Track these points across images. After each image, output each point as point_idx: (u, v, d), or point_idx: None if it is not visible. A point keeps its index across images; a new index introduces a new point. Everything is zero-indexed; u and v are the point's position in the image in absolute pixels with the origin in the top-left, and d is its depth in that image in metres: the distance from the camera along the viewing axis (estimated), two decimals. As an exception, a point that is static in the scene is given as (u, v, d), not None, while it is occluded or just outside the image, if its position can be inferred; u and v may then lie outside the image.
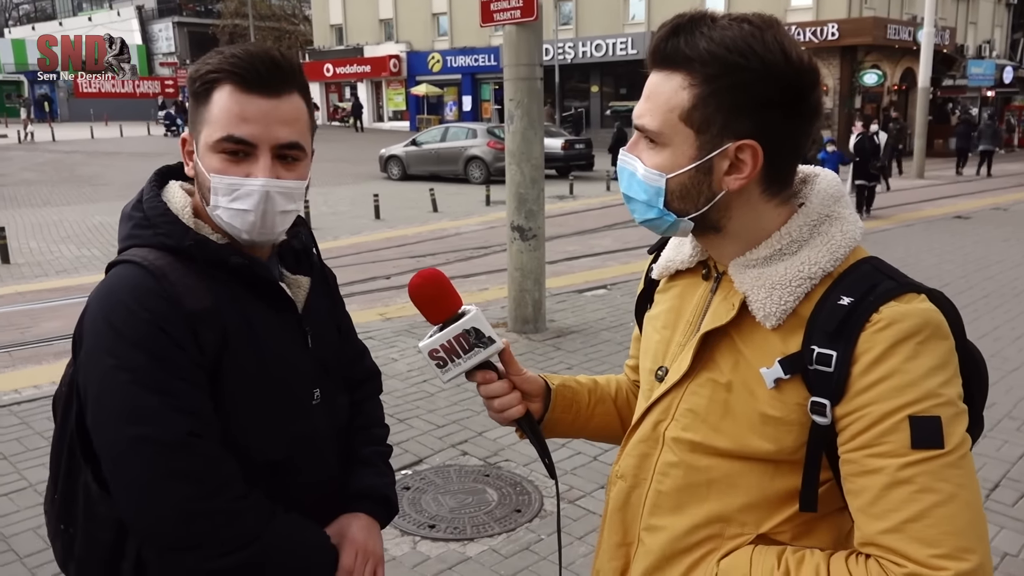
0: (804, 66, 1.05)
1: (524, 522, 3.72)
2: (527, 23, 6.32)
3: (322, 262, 1.53)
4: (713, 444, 1.13)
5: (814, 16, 28.53)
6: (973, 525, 0.96)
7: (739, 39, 1.03)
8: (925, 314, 1.01)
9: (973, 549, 0.94)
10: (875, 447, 0.98)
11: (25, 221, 13.89)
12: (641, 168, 1.12)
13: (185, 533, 1.21)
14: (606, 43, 32.64)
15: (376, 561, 1.44)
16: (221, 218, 1.28)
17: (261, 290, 1.33)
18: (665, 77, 1.08)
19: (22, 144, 31.82)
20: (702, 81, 1.05)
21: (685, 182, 1.09)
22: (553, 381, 1.40)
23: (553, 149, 19.89)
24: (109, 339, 1.21)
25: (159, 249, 1.27)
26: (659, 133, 1.09)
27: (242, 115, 1.24)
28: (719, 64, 1.03)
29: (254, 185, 1.25)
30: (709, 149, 1.07)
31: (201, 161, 1.28)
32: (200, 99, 1.28)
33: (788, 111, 1.06)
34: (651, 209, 1.13)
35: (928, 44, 20.08)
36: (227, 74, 1.25)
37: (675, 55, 1.06)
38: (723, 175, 1.08)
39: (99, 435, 1.22)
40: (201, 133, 1.28)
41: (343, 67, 41.94)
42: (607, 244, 11.16)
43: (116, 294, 1.24)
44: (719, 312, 1.15)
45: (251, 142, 1.25)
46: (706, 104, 1.05)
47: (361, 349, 1.66)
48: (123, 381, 1.19)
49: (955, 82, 33.20)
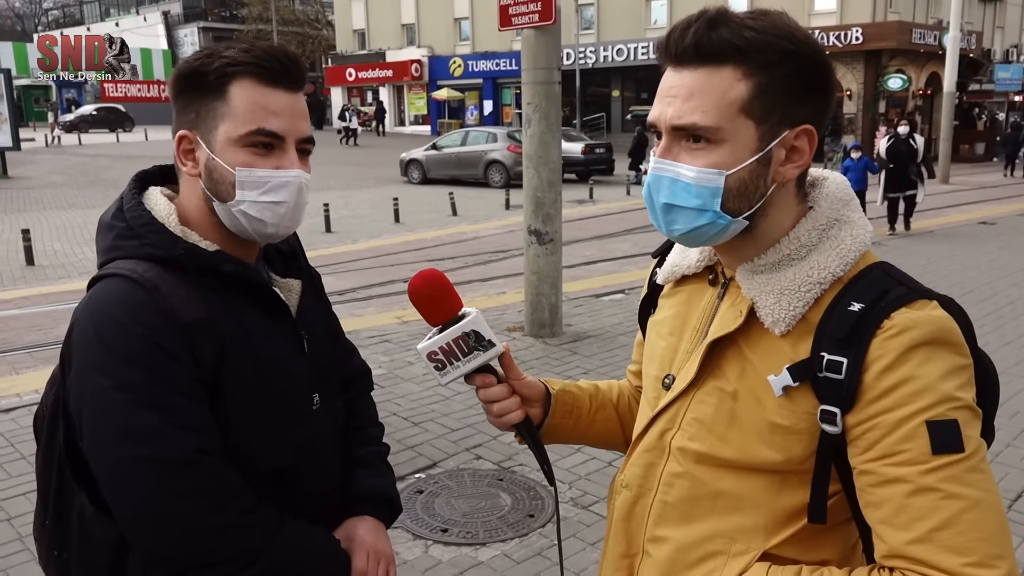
0: (825, 51, 1.06)
1: (537, 527, 3.70)
2: (545, 27, 6.31)
3: (309, 264, 1.50)
4: (719, 455, 1.10)
5: (838, 20, 28.30)
6: (1001, 530, 0.93)
7: (780, 26, 1.03)
8: (937, 321, 0.98)
9: (1003, 555, 0.91)
10: (894, 456, 0.95)
11: (50, 223, 14.07)
12: (691, 171, 1.05)
13: (196, 552, 1.17)
14: (628, 47, 32.60)
15: (388, 561, 1.42)
16: (246, 213, 1.24)
17: (255, 296, 1.30)
18: (709, 72, 1.03)
19: (49, 147, 32.31)
20: (760, 69, 1.02)
21: (745, 177, 1.05)
22: (554, 386, 1.37)
23: (573, 153, 19.88)
24: (102, 357, 1.16)
25: (146, 260, 1.22)
26: (716, 129, 1.03)
27: (270, 108, 1.23)
28: (775, 52, 1.02)
29: (288, 177, 1.25)
30: (770, 138, 1.05)
31: (220, 157, 1.23)
32: (212, 93, 1.23)
33: (829, 94, 1.07)
34: (703, 215, 1.06)
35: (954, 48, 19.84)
36: (249, 67, 1.22)
37: (724, 47, 1.02)
38: (779, 165, 1.06)
39: (98, 457, 1.17)
40: (217, 128, 1.23)
41: (365, 72, 42.20)
42: (626, 249, 11.13)
43: (105, 309, 1.19)
44: (727, 319, 1.12)
45: (281, 135, 1.24)
46: (767, 93, 1.03)
47: (350, 348, 1.64)
48: (120, 401, 1.14)
49: (981, 87, 32.77)
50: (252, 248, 1.35)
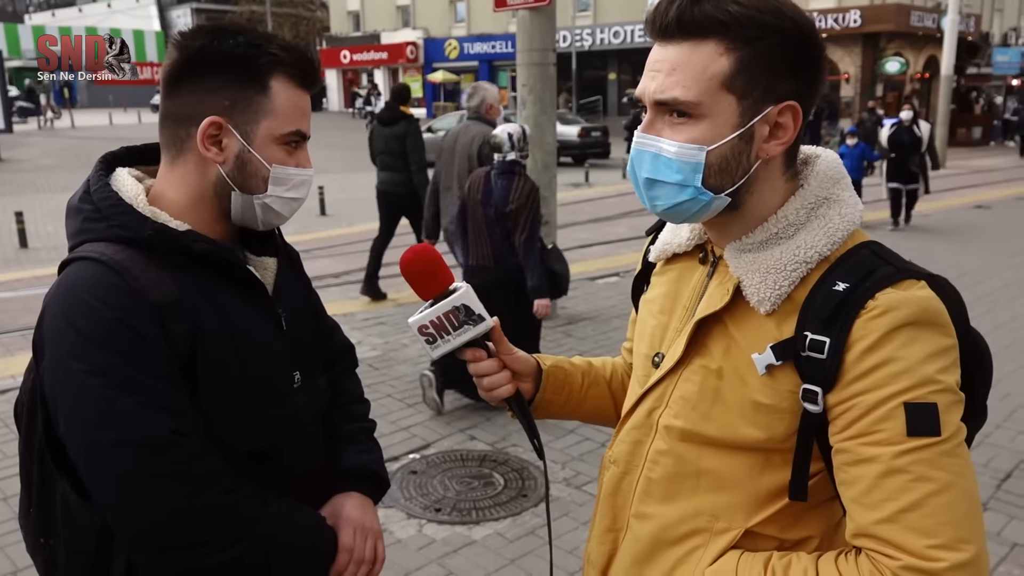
0: (815, 27, 1.05)
1: (530, 507, 3.73)
2: (541, 7, 6.27)
3: (285, 242, 1.48)
4: (703, 432, 1.11)
5: (836, 3, 28.17)
6: (970, 515, 0.93)
7: (767, 1, 1.02)
8: (923, 302, 0.98)
9: (969, 539, 0.92)
10: (869, 435, 0.96)
11: (43, 206, 14.00)
12: (672, 146, 1.05)
13: (178, 534, 1.17)
14: (624, 30, 32.44)
15: (375, 537, 1.43)
16: (269, 207, 1.28)
17: (228, 275, 1.28)
18: (692, 47, 1.03)
19: (42, 130, 32.10)
20: (742, 44, 1.01)
21: (726, 153, 1.05)
22: (545, 362, 1.38)
23: (569, 136, 19.78)
24: (73, 342, 1.15)
25: (115, 242, 1.20)
26: (697, 104, 1.03)
27: (303, 110, 1.29)
28: (757, 26, 1.01)
29: (307, 175, 1.33)
30: (752, 114, 1.04)
31: (259, 152, 1.25)
32: (254, 85, 1.23)
33: (818, 70, 1.06)
34: (684, 190, 1.06)
35: (952, 31, 19.75)
36: (287, 66, 1.26)
37: (706, 21, 1.02)
38: (762, 142, 1.05)
39: (74, 443, 1.17)
40: (259, 123, 1.24)
41: (360, 54, 41.90)
42: (621, 232, 11.12)
43: (75, 293, 1.17)
44: (714, 297, 1.12)
45: (307, 136, 1.32)
46: (749, 68, 1.02)
47: (332, 325, 1.63)
48: (94, 385, 1.13)
49: (979, 70, 32.67)
50: (230, 225, 1.34)
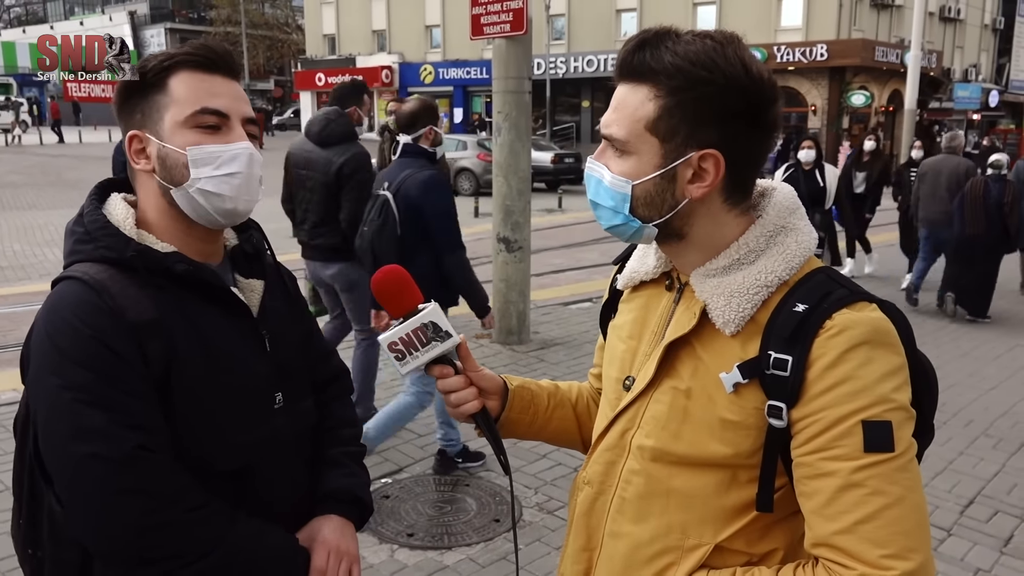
0: (764, 81, 1.09)
1: (503, 531, 3.73)
2: (516, 37, 6.37)
3: (278, 264, 1.51)
4: (673, 451, 1.16)
5: (803, 37, 28.85)
6: (919, 526, 1.00)
7: (702, 53, 1.07)
8: (875, 322, 1.05)
9: (917, 549, 0.99)
10: (829, 450, 1.02)
11: (10, 224, 13.79)
12: (608, 175, 1.15)
13: (142, 548, 1.20)
14: (597, 59, 32.85)
15: (351, 560, 1.42)
16: (203, 190, 1.28)
17: (210, 296, 1.31)
18: (632, 89, 1.12)
19: (9, 147, 31.66)
20: (668, 93, 1.09)
21: (650, 189, 1.13)
22: (512, 382, 1.42)
23: (543, 163, 19.96)
24: (53, 358, 1.20)
25: (100, 263, 1.26)
26: (626, 142, 1.13)
27: (211, 90, 1.30)
28: (684, 77, 1.07)
29: (239, 148, 1.30)
30: (673, 158, 1.11)
31: (170, 142, 1.28)
32: (154, 89, 1.29)
33: (749, 123, 1.10)
34: (617, 215, 1.16)
35: (915, 67, 20.28)
36: (184, 60, 1.29)
37: (641, 68, 1.10)
38: (686, 183, 1.12)
39: (49, 456, 1.21)
40: (163, 119, 1.28)
41: (335, 77, 41.80)
42: (594, 258, 11.22)
43: (58, 312, 1.23)
44: (681, 321, 1.18)
45: (225, 113, 1.30)
46: (671, 115, 1.09)
47: (329, 350, 1.65)
48: (68, 400, 1.17)
49: (941, 104, 33.60)
50: (216, 247, 1.38)
